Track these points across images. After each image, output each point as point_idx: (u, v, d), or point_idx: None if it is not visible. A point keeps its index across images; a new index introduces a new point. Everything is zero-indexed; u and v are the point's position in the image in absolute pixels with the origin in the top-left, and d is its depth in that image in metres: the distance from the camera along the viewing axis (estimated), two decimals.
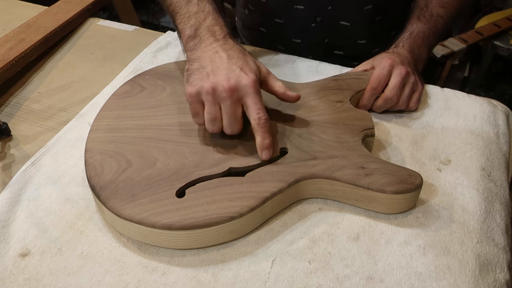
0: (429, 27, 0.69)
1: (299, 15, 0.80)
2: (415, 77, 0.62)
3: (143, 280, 0.44)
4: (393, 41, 0.69)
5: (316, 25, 0.81)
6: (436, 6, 0.70)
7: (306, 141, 0.53)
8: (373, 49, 0.85)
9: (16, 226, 0.49)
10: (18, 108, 0.65)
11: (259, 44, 0.81)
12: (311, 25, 0.81)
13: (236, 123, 0.50)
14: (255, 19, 0.87)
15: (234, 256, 0.47)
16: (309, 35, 0.83)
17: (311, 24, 0.81)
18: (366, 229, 0.49)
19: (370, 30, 0.82)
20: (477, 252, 0.47)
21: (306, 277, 0.44)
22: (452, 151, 0.58)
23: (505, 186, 0.55)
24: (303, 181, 0.49)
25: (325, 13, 0.79)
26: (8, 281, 0.44)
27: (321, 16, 0.79)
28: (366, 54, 0.83)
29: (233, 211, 0.45)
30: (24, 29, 0.76)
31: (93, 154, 0.51)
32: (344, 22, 0.80)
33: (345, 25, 0.80)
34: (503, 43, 1.55)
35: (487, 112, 0.63)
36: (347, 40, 0.83)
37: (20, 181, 0.53)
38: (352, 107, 0.58)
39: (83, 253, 0.46)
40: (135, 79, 0.63)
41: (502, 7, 1.79)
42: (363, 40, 0.83)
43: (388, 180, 0.48)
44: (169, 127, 0.55)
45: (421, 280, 0.44)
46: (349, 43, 0.84)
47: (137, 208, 0.45)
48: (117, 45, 0.79)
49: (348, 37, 0.83)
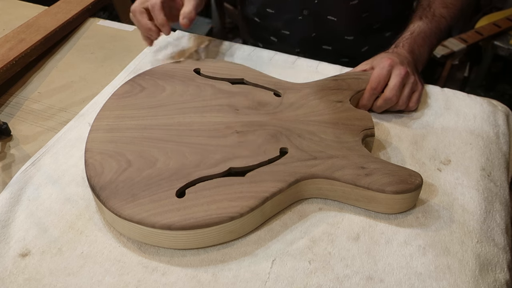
0: (431, 27, 0.69)
1: (288, 7, 0.82)
2: (415, 77, 0.62)
3: (143, 280, 0.44)
4: (392, 41, 0.69)
5: (303, 18, 0.82)
6: (439, 6, 0.70)
7: (306, 141, 0.53)
8: (362, 47, 0.85)
9: (16, 226, 0.49)
10: (18, 108, 0.65)
11: (255, 35, 0.84)
12: (298, 18, 0.82)
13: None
14: (252, 9, 0.89)
15: (234, 256, 0.47)
16: (297, 28, 0.84)
17: (298, 16, 0.82)
18: (366, 229, 0.49)
19: (357, 26, 0.83)
20: (477, 252, 0.47)
21: (306, 277, 0.44)
22: (452, 151, 0.58)
23: (505, 186, 0.55)
24: (303, 181, 0.49)
25: (311, 6, 0.80)
26: (8, 281, 0.44)
27: (307, 9, 0.80)
28: (355, 51, 0.84)
29: (233, 211, 0.45)
30: (24, 29, 0.76)
31: (93, 154, 0.51)
32: (330, 16, 0.80)
33: (331, 20, 0.81)
34: (503, 43, 1.55)
35: (487, 112, 0.63)
36: (335, 35, 0.84)
37: (20, 181, 0.53)
38: (352, 107, 0.58)
39: (83, 253, 0.46)
40: (135, 79, 0.63)
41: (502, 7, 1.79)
42: (351, 37, 0.83)
43: (388, 180, 0.48)
44: (169, 127, 0.55)
45: (421, 280, 0.44)
46: (337, 38, 0.84)
47: (137, 208, 0.45)
48: (117, 45, 0.79)
49: (336, 32, 0.83)
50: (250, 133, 0.54)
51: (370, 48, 0.71)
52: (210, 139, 0.53)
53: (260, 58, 0.74)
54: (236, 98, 0.59)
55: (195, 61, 0.67)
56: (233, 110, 0.57)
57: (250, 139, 0.53)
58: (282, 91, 0.61)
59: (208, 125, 0.55)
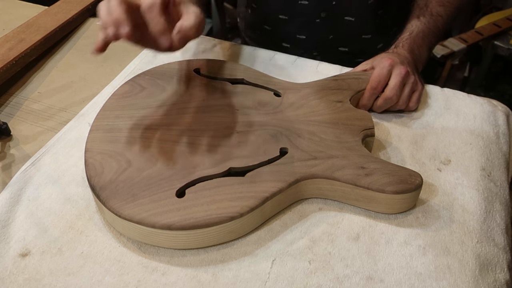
0: (429, 27, 0.69)
1: (303, 11, 0.80)
2: (415, 77, 0.62)
3: (143, 280, 0.44)
4: (394, 39, 0.69)
5: (321, 21, 0.80)
6: (435, 5, 0.70)
7: (306, 141, 0.53)
8: (377, 44, 0.85)
9: (16, 226, 0.49)
10: (18, 108, 0.65)
11: (264, 43, 0.81)
12: (316, 21, 0.81)
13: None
14: (258, 17, 0.87)
15: (234, 256, 0.47)
16: (314, 32, 0.83)
17: (315, 20, 0.81)
18: (366, 229, 0.49)
19: (374, 24, 0.82)
20: (477, 252, 0.47)
21: (306, 277, 0.44)
22: (452, 151, 0.58)
23: (505, 186, 0.55)
24: (303, 181, 0.49)
25: (329, 8, 0.79)
26: (8, 281, 0.44)
27: (325, 11, 0.79)
28: (371, 50, 0.83)
29: (233, 211, 0.45)
30: (24, 29, 0.76)
31: (93, 154, 0.51)
32: (348, 17, 0.80)
33: (349, 20, 0.80)
34: (503, 43, 1.55)
35: (487, 112, 0.63)
36: (352, 36, 0.83)
37: (20, 181, 0.53)
38: (352, 107, 0.58)
39: (83, 253, 0.46)
40: (135, 79, 0.63)
41: (502, 7, 1.79)
42: (368, 35, 0.83)
43: (388, 180, 0.48)
44: (169, 127, 0.55)
45: (421, 280, 0.44)
46: (354, 39, 0.84)
47: (137, 208, 0.45)
48: (117, 45, 0.79)
49: (353, 33, 0.82)
50: (250, 133, 0.54)
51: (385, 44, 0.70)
52: (210, 139, 0.53)
53: (260, 58, 0.74)
54: (236, 98, 0.59)
55: (195, 61, 0.67)
56: (233, 110, 0.57)
57: (250, 139, 0.53)
58: (282, 91, 0.61)
59: (208, 125, 0.55)
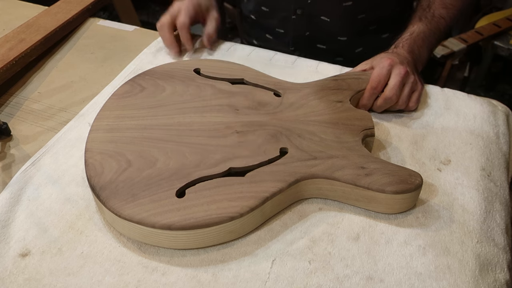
0: (430, 28, 0.69)
1: (282, 6, 0.83)
2: (415, 76, 0.62)
3: (143, 280, 0.44)
4: (390, 42, 0.69)
5: (297, 17, 0.82)
6: (438, 7, 0.70)
7: (306, 141, 0.53)
8: (356, 48, 0.85)
9: (16, 226, 0.49)
10: (18, 108, 0.65)
11: (252, 33, 0.86)
12: (292, 17, 0.83)
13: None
14: (249, 7, 0.90)
15: (234, 256, 0.47)
16: (291, 27, 0.85)
17: (291, 16, 0.83)
18: (366, 229, 0.49)
19: (351, 28, 0.82)
20: (477, 252, 0.47)
21: (306, 277, 0.44)
22: (452, 151, 0.58)
23: (505, 186, 0.55)
24: (303, 181, 0.49)
25: (304, 6, 0.80)
26: (8, 281, 0.44)
27: (301, 8, 0.81)
28: (349, 52, 0.84)
29: (233, 211, 0.45)
30: (24, 29, 0.76)
31: (93, 154, 0.51)
32: (323, 17, 0.81)
33: (325, 20, 0.81)
34: (503, 43, 1.55)
35: (487, 112, 0.63)
36: (328, 35, 0.84)
37: (20, 181, 0.53)
38: (352, 107, 0.58)
39: (83, 253, 0.46)
40: (135, 79, 0.63)
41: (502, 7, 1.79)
42: (344, 37, 0.84)
43: (388, 180, 0.48)
44: (169, 127, 0.55)
45: (421, 280, 0.44)
46: (330, 39, 0.85)
47: (137, 208, 0.45)
48: (117, 45, 0.79)
49: (329, 33, 0.83)
50: (250, 133, 0.54)
51: (365, 49, 0.71)
52: (210, 139, 0.53)
53: (260, 58, 0.74)
54: (236, 98, 0.59)
55: (195, 61, 0.67)
56: (233, 110, 0.57)
57: (250, 139, 0.53)
58: (282, 91, 0.61)
59: (208, 125, 0.55)
